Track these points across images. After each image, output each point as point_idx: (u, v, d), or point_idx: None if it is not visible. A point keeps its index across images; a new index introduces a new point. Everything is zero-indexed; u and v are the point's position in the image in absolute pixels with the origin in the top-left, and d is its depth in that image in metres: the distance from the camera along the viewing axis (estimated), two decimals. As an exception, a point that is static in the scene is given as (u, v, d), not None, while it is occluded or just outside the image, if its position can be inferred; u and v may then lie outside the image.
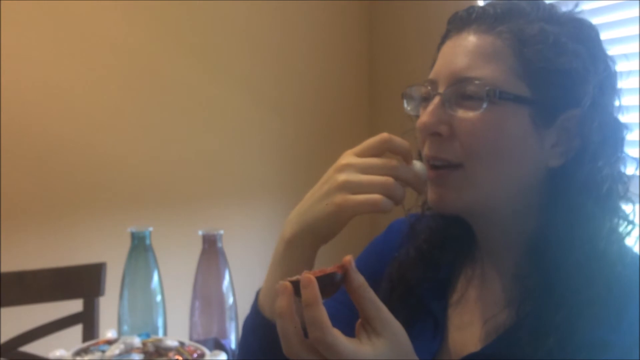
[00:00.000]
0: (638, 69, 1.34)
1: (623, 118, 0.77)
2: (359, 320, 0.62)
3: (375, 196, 0.68)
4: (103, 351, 1.15)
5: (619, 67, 0.77)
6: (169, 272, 1.47)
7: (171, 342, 1.19)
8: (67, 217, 2.11)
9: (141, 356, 1.14)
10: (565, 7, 0.79)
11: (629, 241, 0.74)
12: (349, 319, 0.66)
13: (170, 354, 1.16)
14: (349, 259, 0.62)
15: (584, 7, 0.79)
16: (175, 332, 1.40)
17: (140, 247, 1.35)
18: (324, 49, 2.47)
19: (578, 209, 0.72)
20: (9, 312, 1.62)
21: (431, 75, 0.78)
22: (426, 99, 0.78)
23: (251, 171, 2.37)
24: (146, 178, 2.22)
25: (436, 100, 0.75)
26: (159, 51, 2.20)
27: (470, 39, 0.75)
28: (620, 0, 1.51)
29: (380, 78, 2.49)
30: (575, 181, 0.73)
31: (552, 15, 0.76)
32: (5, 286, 1.58)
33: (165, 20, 2.21)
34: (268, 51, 2.37)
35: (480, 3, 1.93)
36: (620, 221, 0.74)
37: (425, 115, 0.75)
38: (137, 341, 1.17)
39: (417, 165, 0.74)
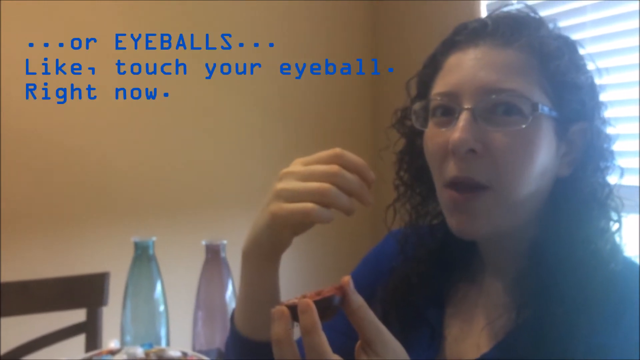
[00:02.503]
0: (638, 79, 1.35)
1: (614, 129, 0.79)
2: (359, 342, 0.60)
3: (307, 205, 0.64)
4: (106, 361, 1.15)
5: (610, 79, 0.80)
6: (172, 282, 1.46)
7: (174, 353, 1.19)
8: (70, 227, 2.11)
9: (144, 366, 1.13)
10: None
11: (618, 240, 0.75)
12: (345, 346, 0.64)
13: (173, 364, 1.15)
14: (347, 279, 0.59)
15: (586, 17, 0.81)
16: (178, 342, 1.40)
17: (143, 256, 1.35)
18: (328, 54, 2.48)
19: (581, 214, 0.73)
20: (11, 321, 1.62)
21: (447, 88, 0.74)
22: (446, 114, 0.74)
23: (255, 181, 2.37)
24: (150, 187, 2.22)
25: (466, 115, 0.71)
26: (161, 57, 2.19)
27: (493, 52, 0.73)
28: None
29: (385, 84, 2.49)
30: (582, 189, 0.74)
31: (551, 32, 0.77)
32: (8, 295, 1.58)
33: (169, 24, 2.21)
34: (272, 58, 2.38)
35: (483, 5, 1.95)
36: (610, 222, 0.75)
37: (459, 132, 0.70)
38: (140, 351, 1.17)
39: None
